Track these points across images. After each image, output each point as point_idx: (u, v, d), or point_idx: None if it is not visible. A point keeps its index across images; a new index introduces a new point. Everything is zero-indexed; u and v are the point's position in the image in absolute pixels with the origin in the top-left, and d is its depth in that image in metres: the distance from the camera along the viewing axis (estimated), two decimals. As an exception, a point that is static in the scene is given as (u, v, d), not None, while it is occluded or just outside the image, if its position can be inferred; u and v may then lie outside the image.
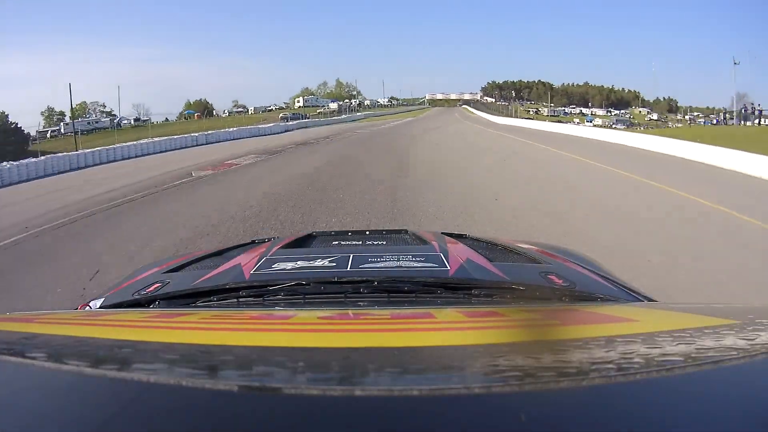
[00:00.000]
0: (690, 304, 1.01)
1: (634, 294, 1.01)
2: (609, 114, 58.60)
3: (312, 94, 73.91)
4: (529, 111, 59.35)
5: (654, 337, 0.55)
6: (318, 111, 50.98)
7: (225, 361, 0.49)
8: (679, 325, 0.65)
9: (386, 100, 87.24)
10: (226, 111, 57.34)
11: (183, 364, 0.47)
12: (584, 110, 62.70)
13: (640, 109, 59.47)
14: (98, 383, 0.42)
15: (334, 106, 56.48)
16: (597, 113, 59.09)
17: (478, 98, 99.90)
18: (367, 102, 79.07)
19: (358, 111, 58.70)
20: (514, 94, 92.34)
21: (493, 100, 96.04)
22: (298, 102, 60.96)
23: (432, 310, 0.82)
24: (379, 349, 0.52)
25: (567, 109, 57.97)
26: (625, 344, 0.52)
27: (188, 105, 60.39)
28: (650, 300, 1.01)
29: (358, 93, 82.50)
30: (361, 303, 0.91)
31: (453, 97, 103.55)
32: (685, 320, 0.71)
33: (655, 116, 46.39)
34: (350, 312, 0.86)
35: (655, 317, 0.75)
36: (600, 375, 0.40)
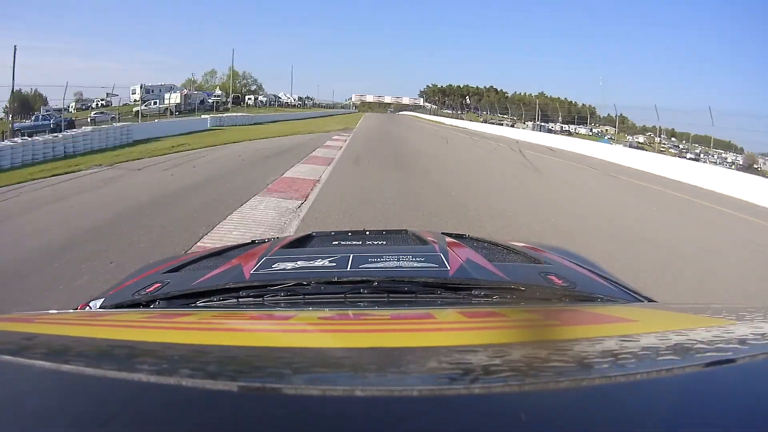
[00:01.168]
0: (690, 304, 1.04)
1: (634, 294, 1.01)
2: (592, 132, 43.80)
3: (198, 86, 50.72)
4: (502, 123, 43.52)
5: (654, 337, 0.56)
6: (134, 108, 26.66)
7: (225, 361, 0.49)
8: (679, 325, 0.65)
9: (294, 98, 62.52)
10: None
11: (183, 364, 0.47)
12: (563, 126, 48.02)
13: (606, 127, 45.86)
14: (98, 383, 0.41)
15: (173, 98, 32.33)
16: (580, 131, 44.09)
17: (420, 103, 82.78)
18: (262, 98, 54.64)
19: (230, 110, 35.22)
20: (467, 100, 75.75)
21: (435, 106, 79.17)
22: (134, 93, 33.06)
23: (432, 310, 0.82)
24: (379, 349, 0.52)
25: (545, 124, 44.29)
26: (625, 344, 0.52)
27: (14, 96, 33.30)
28: (650, 300, 1.01)
29: (259, 87, 60.34)
30: (361, 303, 0.91)
31: (387, 100, 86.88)
32: (685, 320, 0.71)
33: (641, 139, 36.20)
34: (350, 312, 0.86)
35: (655, 317, 0.75)
36: (600, 375, 0.40)
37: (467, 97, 77.92)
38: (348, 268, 1.02)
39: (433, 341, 0.57)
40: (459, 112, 66.31)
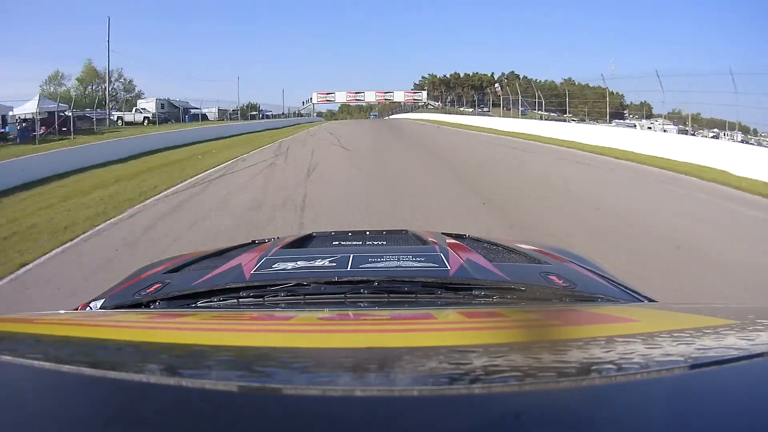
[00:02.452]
0: (690, 304, 1.06)
1: (634, 294, 1.01)
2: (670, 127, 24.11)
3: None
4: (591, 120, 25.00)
5: (654, 337, 0.55)
6: None
7: (225, 362, 0.49)
8: (679, 325, 0.65)
9: (149, 104, 29.93)
10: None
11: (183, 365, 0.47)
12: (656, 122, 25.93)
13: (656, 121, 28.42)
14: (98, 383, 0.42)
15: None
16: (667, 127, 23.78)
17: (422, 100, 58.50)
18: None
19: None
20: (498, 89, 49.32)
21: (440, 103, 55.23)
22: None
23: (432, 310, 0.83)
24: (379, 349, 0.52)
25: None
26: (625, 344, 0.52)
27: None
28: (650, 300, 1.01)
29: (132, 92, 35.86)
30: (362, 303, 0.91)
31: (369, 98, 58.69)
32: (685, 320, 0.71)
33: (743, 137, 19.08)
34: (350, 313, 0.86)
35: (655, 317, 0.75)
36: (600, 375, 0.40)
37: (497, 85, 50.91)
38: (348, 268, 1.02)
39: (433, 341, 0.57)
40: (485, 109, 42.84)
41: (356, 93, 58.18)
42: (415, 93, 59.45)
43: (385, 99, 59.05)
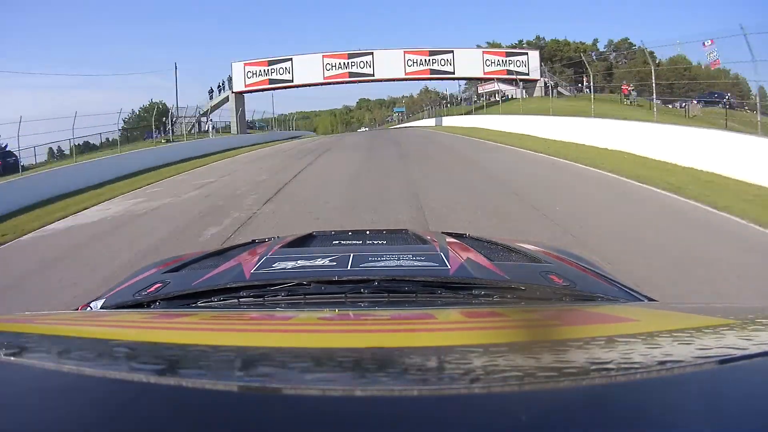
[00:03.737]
0: (690, 304, 1.03)
1: (634, 294, 1.01)
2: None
3: None
4: None
5: (654, 337, 0.56)
6: None
7: (225, 361, 0.49)
8: (679, 325, 0.65)
9: None
10: None
11: (183, 364, 0.48)
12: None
13: None
14: (98, 383, 0.42)
15: None
16: None
17: (535, 75, 26.61)
18: None
19: None
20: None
21: (566, 86, 27.48)
22: None
23: (432, 310, 0.83)
24: (380, 349, 0.52)
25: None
26: (625, 344, 0.52)
27: None
28: (650, 300, 1.01)
29: None
30: (362, 303, 0.91)
31: (387, 69, 26.66)
32: (685, 320, 0.71)
33: None
34: (350, 313, 0.86)
35: (655, 317, 0.76)
36: (600, 375, 0.40)
37: (708, 54, 17.35)
38: (348, 268, 1.02)
39: (433, 341, 0.57)
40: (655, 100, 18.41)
41: (351, 56, 27.47)
42: (510, 57, 27.60)
43: (431, 71, 27.14)
